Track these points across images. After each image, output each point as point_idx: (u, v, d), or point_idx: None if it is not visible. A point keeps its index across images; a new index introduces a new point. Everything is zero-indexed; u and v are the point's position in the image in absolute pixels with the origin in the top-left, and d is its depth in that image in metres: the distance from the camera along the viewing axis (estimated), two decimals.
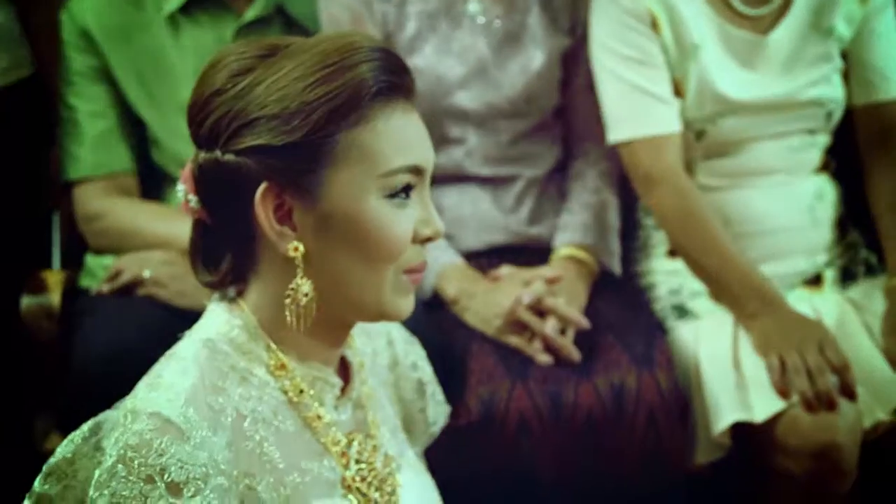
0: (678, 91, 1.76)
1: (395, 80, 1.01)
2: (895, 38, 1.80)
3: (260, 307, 1.05)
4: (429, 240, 1.06)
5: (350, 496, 1.07)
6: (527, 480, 1.59)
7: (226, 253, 1.05)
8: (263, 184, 1.00)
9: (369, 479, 1.09)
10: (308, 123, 0.98)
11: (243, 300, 1.06)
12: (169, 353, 1.05)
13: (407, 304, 1.07)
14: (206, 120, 1.01)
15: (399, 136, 1.01)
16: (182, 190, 1.04)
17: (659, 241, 1.85)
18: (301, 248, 1.01)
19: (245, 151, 1.00)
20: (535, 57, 1.85)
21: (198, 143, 1.03)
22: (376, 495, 1.09)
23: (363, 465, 1.09)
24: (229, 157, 1.00)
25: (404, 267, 1.04)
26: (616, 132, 1.77)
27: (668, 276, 1.82)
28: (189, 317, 1.11)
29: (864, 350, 1.68)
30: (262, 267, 1.05)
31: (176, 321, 1.13)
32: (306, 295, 1.02)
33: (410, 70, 1.04)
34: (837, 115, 1.81)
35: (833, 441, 1.54)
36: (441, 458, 1.31)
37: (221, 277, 1.06)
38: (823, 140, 1.83)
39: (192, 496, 0.94)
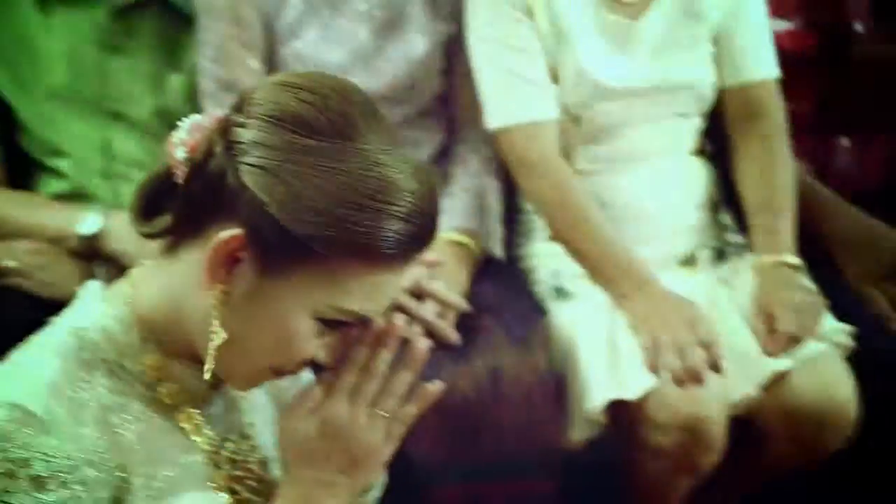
0: (554, 77, 1.78)
1: (411, 252, 0.99)
2: (763, 21, 1.85)
3: (152, 300, 1.03)
4: (315, 364, 1.05)
5: (222, 492, 1.06)
6: (407, 461, 1.61)
7: (171, 220, 1.01)
8: (239, 230, 0.96)
9: (244, 477, 1.09)
10: (314, 229, 0.95)
11: (136, 287, 1.04)
12: (30, 340, 1.02)
13: (253, 390, 1.10)
14: (251, 136, 0.97)
15: (373, 289, 0.99)
16: (180, 139, 1.00)
17: (540, 225, 1.87)
18: (224, 296, 0.98)
19: (252, 192, 0.95)
20: (417, 44, 1.85)
21: (228, 146, 0.98)
22: (249, 495, 1.09)
23: (237, 464, 1.09)
24: (236, 183, 0.96)
25: (278, 368, 1.04)
26: (493, 119, 1.78)
27: (548, 259, 1.85)
28: (56, 307, 1.09)
29: (734, 327, 1.73)
30: (187, 270, 1.01)
31: (41, 312, 1.11)
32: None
33: (433, 239, 1.01)
34: (709, 98, 1.85)
35: (699, 414, 1.59)
36: None
37: (156, 233, 1.03)
38: (697, 123, 1.87)
39: (56, 489, 0.93)
